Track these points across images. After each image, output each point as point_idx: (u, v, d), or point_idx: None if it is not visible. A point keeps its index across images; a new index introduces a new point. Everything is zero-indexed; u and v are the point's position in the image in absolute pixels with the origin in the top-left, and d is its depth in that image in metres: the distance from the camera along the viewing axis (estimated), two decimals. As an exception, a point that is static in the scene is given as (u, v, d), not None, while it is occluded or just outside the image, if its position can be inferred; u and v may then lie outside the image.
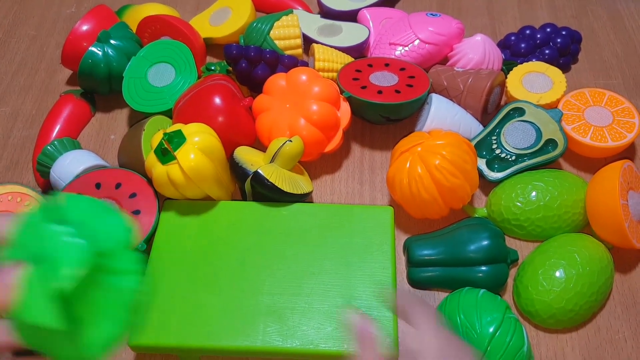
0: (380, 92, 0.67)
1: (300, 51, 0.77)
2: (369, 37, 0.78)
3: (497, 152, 0.66)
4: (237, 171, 0.61)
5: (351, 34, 0.79)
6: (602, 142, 0.66)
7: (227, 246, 0.58)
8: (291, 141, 0.61)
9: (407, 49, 0.75)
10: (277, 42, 0.76)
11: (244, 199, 0.63)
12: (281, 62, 0.71)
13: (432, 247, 0.59)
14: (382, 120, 0.70)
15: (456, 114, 0.68)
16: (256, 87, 0.71)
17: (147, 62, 0.72)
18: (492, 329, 0.51)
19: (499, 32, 0.85)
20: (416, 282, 0.60)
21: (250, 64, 0.70)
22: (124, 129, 0.76)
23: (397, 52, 0.75)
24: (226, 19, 0.81)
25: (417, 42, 0.75)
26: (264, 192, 0.60)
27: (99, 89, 0.75)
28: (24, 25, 0.89)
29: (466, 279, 0.58)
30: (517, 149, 0.66)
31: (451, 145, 0.58)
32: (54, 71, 0.83)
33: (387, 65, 0.72)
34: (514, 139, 0.66)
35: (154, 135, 0.61)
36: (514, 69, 0.73)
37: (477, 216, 0.64)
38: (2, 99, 0.80)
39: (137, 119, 0.71)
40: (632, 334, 0.57)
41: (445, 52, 0.76)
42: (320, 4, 0.84)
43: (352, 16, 0.83)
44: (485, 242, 0.57)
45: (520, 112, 0.67)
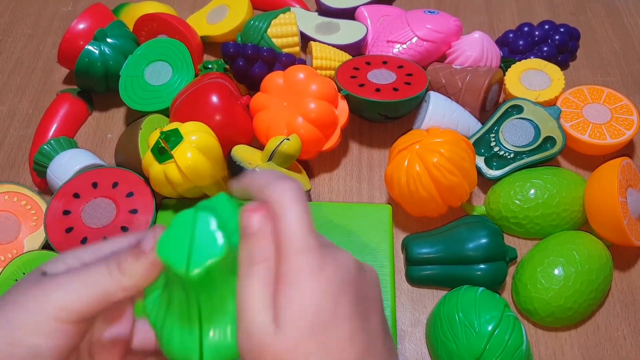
0: (378, 90, 0.67)
1: (297, 49, 0.77)
2: (366, 34, 0.78)
3: (496, 149, 0.66)
4: (235, 170, 0.60)
5: (349, 32, 0.79)
6: (601, 140, 0.66)
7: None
8: (289, 139, 0.61)
9: (405, 46, 0.75)
10: (274, 40, 0.75)
11: (242, 197, 0.63)
12: (279, 60, 0.71)
13: (430, 245, 0.59)
14: (380, 118, 0.70)
15: (454, 111, 0.67)
16: (253, 86, 0.71)
17: (144, 60, 0.72)
18: (490, 327, 0.51)
19: (497, 29, 0.85)
20: (415, 280, 0.60)
21: (247, 62, 0.70)
22: (120, 128, 0.75)
23: (395, 50, 0.75)
24: (223, 17, 0.81)
25: (415, 39, 0.75)
26: (262, 191, 0.59)
27: (95, 87, 0.75)
28: (20, 23, 0.89)
29: (465, 277, 0.57)
30: (515, 146, 0.66)
31: (449, 143, 0.58)
32: (50, 70, 0.82)
33: (385, 63, 0.72)
34: (513, 136, 0.66)
35: (151, 134, 0.61)
36: (512, 66, 0.73)
37: (475, 214, 0.64)
38: (-1, 98, 0.80)
39: (134, 118, 0.71)
40: (631, 331, 0.57)
41: (443, 49, 0.76)
42: (317, 1, 0.84)
43: (349, 14, 0.83)
44: (483, 240, 0.57)
45: (518, 109, 0.67)
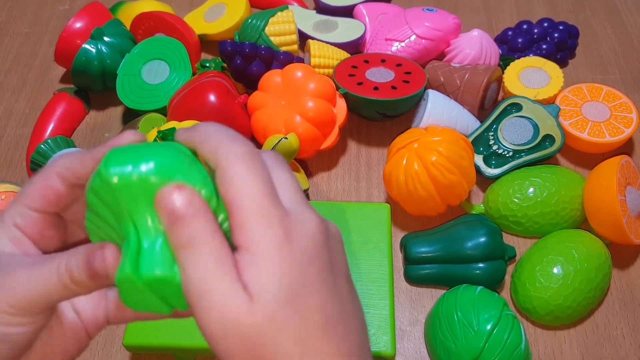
0: (376, 89, 0.67)
1: (295, 47, 0.77)
2: (365, 32, 0.78)
3: (494, 148, 0.66)
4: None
5: (347, 30, 0.78)
6: (600, 138, 0.66)
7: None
8: (287, 138, 0.61)
9: (403, 44, 0.74)
10: (272, 38, 0.75)
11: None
12: (276, 58, 0.71)
13: (429, 244, 0.59)
14: (379, 116, 0.70)
15: (453, 110, 0.67)
16: (251, 84, 0.70)
17: (141, 59, 0.72)
18: (489, 326, 0.50)
19: (496, 27, 0.85)
20: (413, 279, 0.60)
21: (245, 61, 0.69)
22: (118, 127, 0.75)
23: (394, 48, 0.75)
24: (221, 16, 0.80)
25: (413, 37, 0.74)
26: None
27: (92, 86, 0.75)
28: (17, 22, 0.89)
29: (463, 276, 0.57)
30: (514, 144, 0.65)
31: (448, 141, 0.58)
32: (47, 69, 0.82)
33: (383, 61, 0.72)
34: (511, 134, 0.66)
35: (148, 133, 0.61)
36: (511, 64, 0.73)
37: (474, 213, 0.64)
38: (-4, 97, 0.79)
39: (132, 117, 0.71)
40: (630, 330, 0.57)
41: (441, 47, 0.76)
42: (315, -1, 0.84)
43: (348, 12, 0.82)
44: (482, 239, 0.57)
45: (517, 107, 0.67)
